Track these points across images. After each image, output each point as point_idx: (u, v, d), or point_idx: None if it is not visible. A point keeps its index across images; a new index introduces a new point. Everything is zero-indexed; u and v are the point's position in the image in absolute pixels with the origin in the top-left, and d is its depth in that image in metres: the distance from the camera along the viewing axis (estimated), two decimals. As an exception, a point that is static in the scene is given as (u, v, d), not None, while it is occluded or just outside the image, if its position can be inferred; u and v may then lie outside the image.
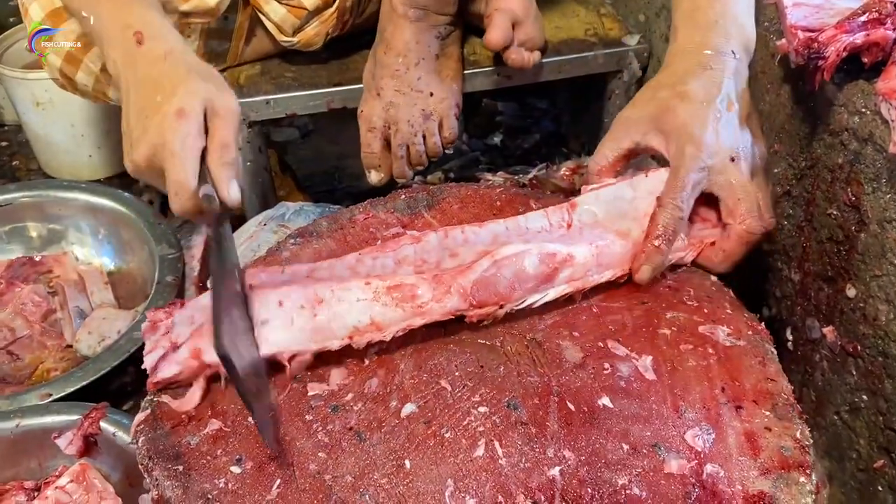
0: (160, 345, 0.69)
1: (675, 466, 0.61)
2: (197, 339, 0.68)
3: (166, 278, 1.12)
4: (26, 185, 1.30)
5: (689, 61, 0.82)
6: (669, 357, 0.70)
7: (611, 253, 0.77)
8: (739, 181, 0.78)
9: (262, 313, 0.70)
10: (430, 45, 1.07)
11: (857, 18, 0.76)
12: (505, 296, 0.73)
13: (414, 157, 1.08)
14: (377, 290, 0.71)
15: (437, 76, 1.08)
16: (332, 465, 0.63)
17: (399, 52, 1.06)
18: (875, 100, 0.74)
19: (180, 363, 0.68)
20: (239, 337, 0.66)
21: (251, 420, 0.66)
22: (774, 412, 0.65)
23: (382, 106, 1.06)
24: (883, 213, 0.76)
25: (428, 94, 1.07)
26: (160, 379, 0.68)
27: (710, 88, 0.80)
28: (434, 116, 1.07)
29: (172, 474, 0.63)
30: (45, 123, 1.48)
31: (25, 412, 0.93)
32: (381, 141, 1.08)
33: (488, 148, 1.56)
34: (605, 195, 0.82)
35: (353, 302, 0.70)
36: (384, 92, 1.06)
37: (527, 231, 0.80)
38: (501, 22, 1.06)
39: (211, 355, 0.66)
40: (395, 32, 1.06)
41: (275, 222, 1.11)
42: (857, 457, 0.83)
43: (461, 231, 0.79)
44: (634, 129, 0.83)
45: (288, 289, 0.71)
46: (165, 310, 0.72)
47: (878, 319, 0.78)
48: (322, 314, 0.70)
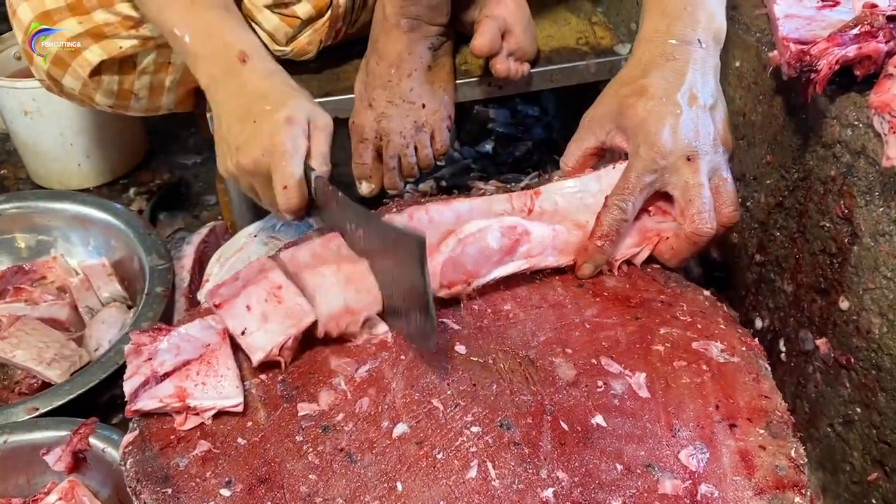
0: (141, 371, 0.68)
1: (670, 487, 0.61)
2: (183, 378, 0.67)
3: (156, 289, 1.11)
4: (15, 196, 1.29)
5: (653, 51, 0.81)
6: (663, 374, 0.70)
7: (566, 240, 0.79)
8: (693, 181, 0.77)
9: (237, 326, 0.70)
10: (422, 55, 1.06)
11: (849, 31, 0.76)
12: (473, 273, 0.76)
13: (405, 169, 1.08)
14: (349, 276, 0.72)
15: (429, 87, 1.07)
16: (322, 488, 0.62)
17: (391, 63, 1.05)
18: (867, 113, 0.74)
19: (162, 400, 0.67)
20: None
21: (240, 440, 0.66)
22: (769, 430, 0.65)
23: (374, 117, 1.06)
24: (875, 226, 0.75)
25: (420, 106, 1.06)
26: (139, 409, 0.67)
27: (671, 81, 0.78)
28: (426, 128, 1.06)
29: (161, 498, 0.62)
30: (34, 132, 1.47)
31: (14, 428, 0.92)
32: (373, 152, 1.07)
33: (480, 155, 1.55)
34: (570, 186, 0.83)
35: (327, 289, 0.71)
36: (376, 103, 1.05)
37: (490, 212, 0.81)
38: (489, 29, 1.05)
39: (197, 400, 0.67)
40: (388, 43, 1.05)
41: (265, 233, 1.10)
42: (850, 469, 0.83)
43: (425, 212, 0.81)
44: (598, 127, 0.83)
45: (247, 291, 0.72)
46: (150, 333, 0.71)
47: (872, 332, 0.77)
48: (286, 300, 0.71)
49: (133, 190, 1.52)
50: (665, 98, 0.77)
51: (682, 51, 0.80)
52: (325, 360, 0.72)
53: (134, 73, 1.07)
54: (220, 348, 0.70)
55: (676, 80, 0.78)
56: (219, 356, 0.69)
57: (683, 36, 0.80)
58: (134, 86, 1.08)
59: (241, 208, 1.26)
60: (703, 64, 0.80)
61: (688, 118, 0.77)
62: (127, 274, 1.21)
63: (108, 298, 1.19)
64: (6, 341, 1.07)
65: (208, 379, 0.68)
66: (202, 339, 0.71)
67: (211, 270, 1.11)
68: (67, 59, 1.04)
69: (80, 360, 1.09)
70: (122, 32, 1.04)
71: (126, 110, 1.13)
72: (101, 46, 1.03)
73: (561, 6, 1.33)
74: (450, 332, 0.74)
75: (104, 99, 1.09)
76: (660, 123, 0.77)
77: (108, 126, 1.51)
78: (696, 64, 0.79)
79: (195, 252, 1.20)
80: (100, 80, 1.06)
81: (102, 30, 1.02)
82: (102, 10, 1.02)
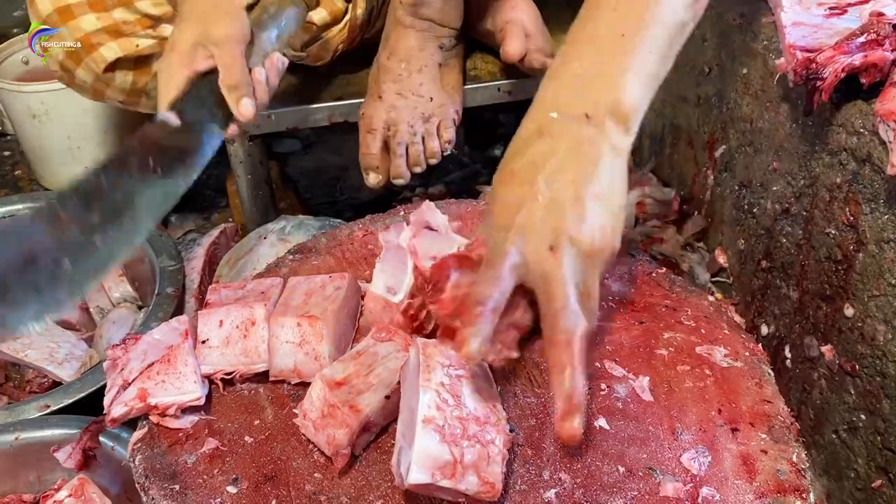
0: (116, 383, 0.69)
1: (671, 489, 0.61)
2: (145, 379, 0.68)
3: (166, 290, 1.13)
4: (29, 197, 1.31)
5: (531, 124, 0.67)
6: (666, 378, 0.70)
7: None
8: (556, 275, 0.60)
9: (203, 332, 0.72)
10: (433, 53, 1.08)
11: (855, 39, 0.76)
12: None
13: (413, 158, 1.08)
14: (304, 336, 0.70)
15: (438, 84, 1.09)
16: (328, 486, 0.63)
17: (402, 58, 1.07)
18: (873, 120, 0.75)
19: (127, 404, 0.68)
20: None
21: (247, 438, 0.67)
22: (771, 434, 0.65)
23: (384, 108, 1.07)
24: (881, 233, 0.76)
25: (428, 99, 1.07)
26: (114, 418, 0.68)
27: (537, 163, 0.63)
28: (433, 119, 1.08)
29: (169, 493, 0.63)
30: (41, 135, 1.48)
31: (25, 425, 0.93)
32: (381, 143, 1.07)
33: (489, 160, 1.56)
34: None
35: (282, 342, 0.71)
36: (385, 95, 1.07)
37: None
38: (517, 34, 1.08)
39: (157, 398, 0.68)
40: (400, 39, 1.08)
41: (275, 236, 1.11)
42: (855, 476, 0.83)
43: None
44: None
45: (229, 308, 0.72)
46: (122, 346, 0.73)
47: (877, 339, 0.78)
48: (252, 338, 0.71)
49: (145, 192, 1.54)
50: (527, 185, 0.63)
51: (558, 127, 0.65)
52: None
53: (149, 72, 1.08)
54: (180, 347, 0.70)
55: (541, 163, 0.63)
56: (178, 354, 0.70)
57: (566, 108, 0.65)
58: (147, 85, 1.09)
59: (251, 211, 1.28)
60: (588, 144, 0.64)
61: (554, 203, 0.62)
62: (138, 275, 1.22)
63: (118, 299, 1.20)
64: (18, 341, 1.09)
65: (168, 377, 0.69)
66: (167, 341, 0.72)
67: (221, 272, 1.12)
68: (82, 54, 1.05)
69: (91, 359, 1.10)
70: (139, 31, 1.05)
71: (137, 107, 1.13)
72: (118, 44, 1.04)
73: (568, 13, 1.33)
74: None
75: (116, 94, 1.10)
76: (518, 210, 0.62)
77: (116, 130, 1.52)
78: (573, 143, 0.64)
79: (205, 254, 1.21)
80: (113, 77, 1.07)
81: (121, 27, 1.03)
82: (122, 8, 1.03)
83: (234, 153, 1.21)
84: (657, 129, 1.26)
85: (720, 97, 1.06)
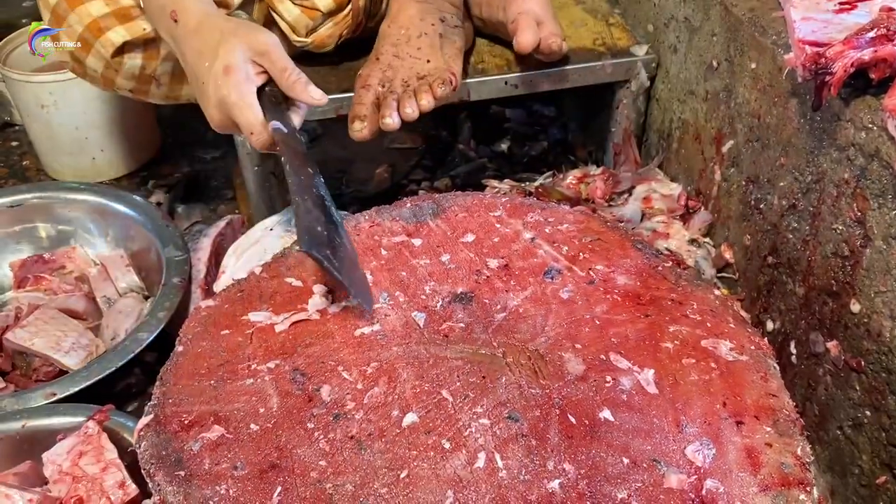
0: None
1: (675, 481, 0.61)
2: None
3: (172, 280, 1.13)
4: (37, 187, 1.32)
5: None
6: (671, 371, 0.70)
7: None
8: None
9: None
10: (433, 23, 1.10)
11: (865, 34, 0.76)
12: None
13: (403, 107, 1.04)
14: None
15: (438, 52, 1.10)
16: (332, 474, 0.63)
17: (402, 25, 1.10)
18: (882, 116, 0.74)
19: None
20: (324, 233, 0.78)
21: (252, 426, 0.67)
22: (775, 428, 0.65)
23: (379, 68, 1.08)
24: (888, 229, 0.75)
25: (425, 61, 1.08)
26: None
27: None
28: (429, 78, 1.07)
29: (174, 480, 0.63)
30: (49, 126, 1.48)
31: (31, 413, 0.94)
32: (373, 97, 1.06)
33: (495, 154, 1.56)
34: None
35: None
36: (383, 56, 1.09)
37: None
38: (529, 24, 1.09)
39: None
40: (401, 10, 1.12)
41: (281, 227, 1.11)
42: (859, 472, 0.83)
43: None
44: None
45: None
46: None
47: (883, 336, 0.77)
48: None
49: (152, 183, 1.54)
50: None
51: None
52: (337, 350, 0.73)
53: (157, 57, 1.08)
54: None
55: None
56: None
57: None
58: (156, 70, 1.09)
59: (257, 202, 1.28)
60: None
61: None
62: (144, 265, 1.23)
63: (125, 289, 1.21)
64: (25, 329, 1.09)
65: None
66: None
67: (227, 263, 1.12)
68: (91, 40, 1.05)
69: (97, 348, 1.11)
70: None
71: (146, 96, 1.13)
72: (125, 28, 1.04)
73: (578, 7, 1.34)
74: (458, 328, 0.75)
75: (125, 82, 1.10)
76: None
77: (123, 120, 1.52)
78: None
79: (212, 244, 1.21)
80: (122, 62, 1.07)
81: (129, 11, 1.03)
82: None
83: (241, 145, 1.21)
84: (664, 124, 1.26)
85: (728, 92, 1.05)
